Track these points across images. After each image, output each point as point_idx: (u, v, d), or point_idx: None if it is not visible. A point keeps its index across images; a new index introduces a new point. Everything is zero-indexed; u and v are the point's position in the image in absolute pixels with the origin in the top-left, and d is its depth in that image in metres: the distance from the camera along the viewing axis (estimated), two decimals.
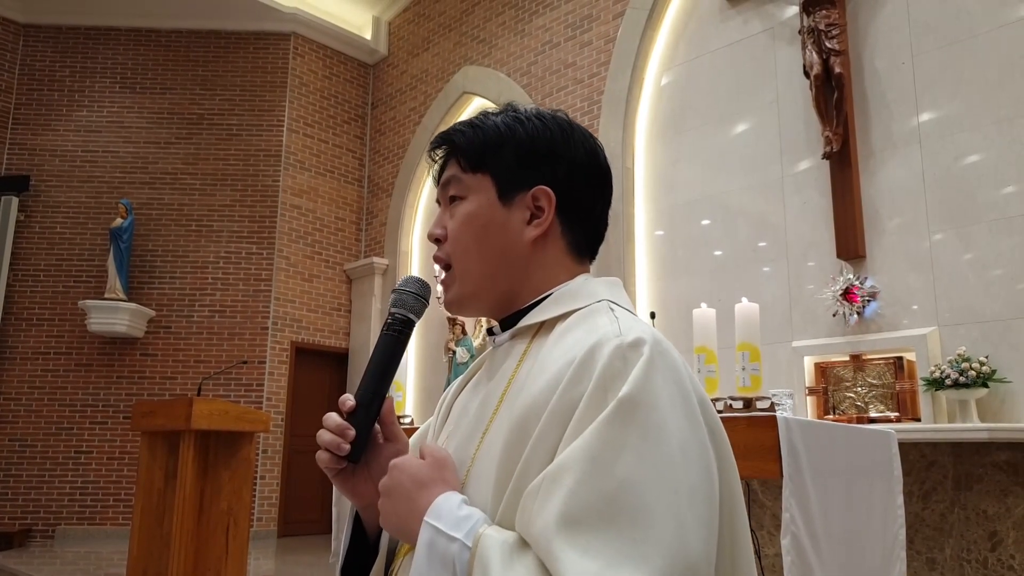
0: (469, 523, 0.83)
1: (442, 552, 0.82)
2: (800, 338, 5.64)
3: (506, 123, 1.04)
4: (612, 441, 0.78)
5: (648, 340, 0.85)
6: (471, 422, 0.99)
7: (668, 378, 0.83)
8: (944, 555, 4.54)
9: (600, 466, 0.77)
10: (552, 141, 1.03)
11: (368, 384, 0.99)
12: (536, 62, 8.31)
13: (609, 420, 0.79)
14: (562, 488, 0.77)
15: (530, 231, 1.01)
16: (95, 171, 9.57)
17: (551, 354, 0.91)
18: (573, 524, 0.75)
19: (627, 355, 0.83)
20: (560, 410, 0.83)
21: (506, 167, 1.02)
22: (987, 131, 4.99)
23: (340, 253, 10.25)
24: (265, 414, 5.55)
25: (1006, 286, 4.79)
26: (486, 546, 0.80)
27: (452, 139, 1.06)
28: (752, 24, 6.40)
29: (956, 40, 5.21)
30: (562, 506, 0.76)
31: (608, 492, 0.76)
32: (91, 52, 9.87)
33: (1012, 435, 4.29)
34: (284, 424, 9.31)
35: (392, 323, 1.03)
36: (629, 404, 0.79)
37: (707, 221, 6.49)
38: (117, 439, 8.96)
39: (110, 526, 8.71)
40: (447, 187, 1.06)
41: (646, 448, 0.78)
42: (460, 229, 1.03)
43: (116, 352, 9.14)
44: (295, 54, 10.11)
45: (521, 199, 1.01)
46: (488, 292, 1.04)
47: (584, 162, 1.04)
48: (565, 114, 1.08)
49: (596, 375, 0.82)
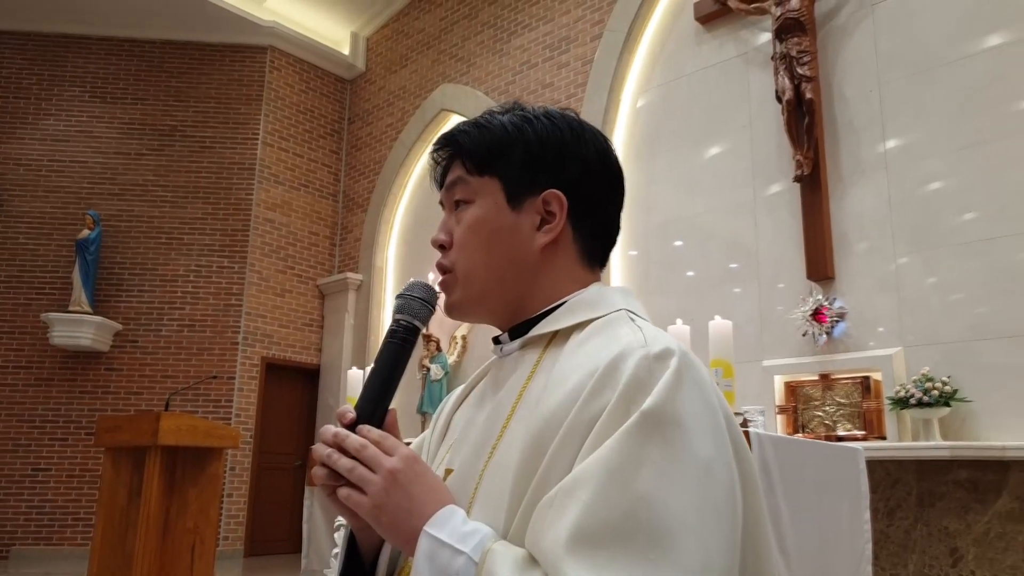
0: (476, 537, 0.79)
1: (444, 566, 0.78)
2: (770, 357, 5.72)
3: (514, 123, 0.98)
4: (632, 455, 0.74)
5: (676, 352, 0.81)
6: (478, 436, 0.94)
7: (695, 393, 0.79)
8: (908, 571, 4.61)
9: (619, 481, 0.73)
10: (563, 142, 0.97)
11: (370, 395, 0.93)
12: (514, 82, 8.38)
13: (630, 433, 0.75)
14: (577, 502, 0.73)
15: (540, 237, 0.96)
16: (62, 181, 9.41)
17: (568, 365, 0.87)
18: (587, 541, 0.71)
19: (653, 367, 0.79)
20: (581, 423, 0.79)
21: (515, 170, 0.97)
22: (949, 159, 5.13)
23: (313, 268, 10.18)
24: (235, 430, 5.49)
25: (967, 309, 4.91)
26: (494, 562, 0.76)
27: (457, 140, 1.00)
28: (726, 49, 6.53)
29: (921, 70, 5.36)
30: (576, 521, 0.72)
31: (626, 508, 0.72)
32: (60, 60, 9.73)
33: (973, 453, 4.39)
34: (253, 441, 9.17)
35: (396, 330, 0.96)
36: (653, 417, 0.75)
37: (680, 242, 6.57)
38: (78, 456, 8.75)
39: (68, 546, 8.48)
40: (452, 190, 1.01)
41: (668, 464, 0.74)
42: (467, 235, 0.98)
43: (79, 367, 8.95)
44: (272, 67, 10.08)
45: (531, 203, 0.97)
46: (495, 299, 0.99)
47: (596, 163, 0.99)
48: (575, 113, 1.03)
49: (621, 386, 0.78)
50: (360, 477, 0.84)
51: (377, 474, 0.84)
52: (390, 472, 0.83)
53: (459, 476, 0.92)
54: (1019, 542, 4.30)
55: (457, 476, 0.93)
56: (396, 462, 0.84)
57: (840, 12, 5.83)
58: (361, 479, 0.84)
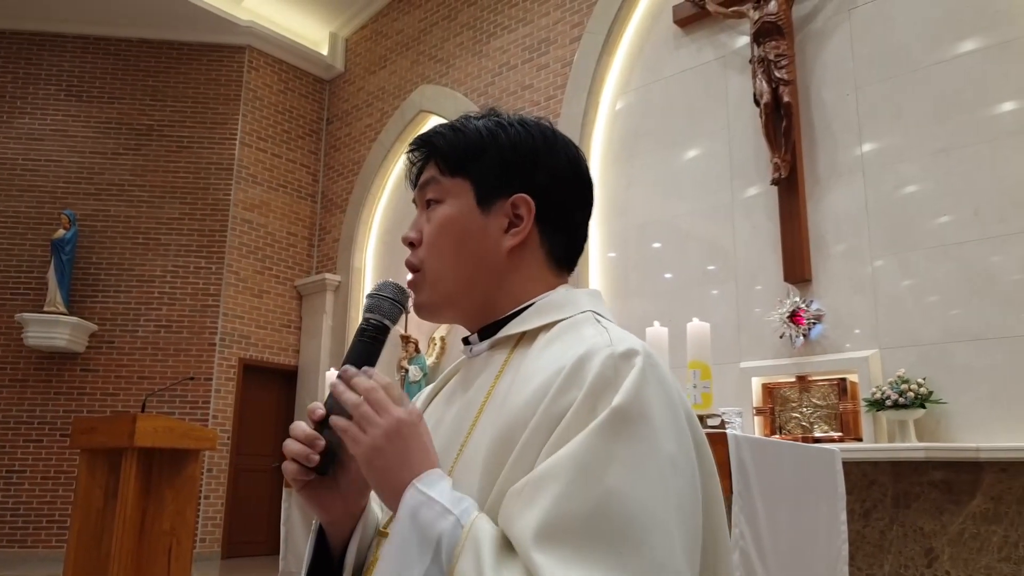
0: (465, 503, 0.81)
1: (428, 524, 0.79)
2: (748, 359, 5.75)
3: (488, 128, 1.01)
4: (602, 451, 0.76)
5: (640, 351, 0.83)
6: (447, 434, 0.96)
7: (659, 391, 0.82)
8: (883, 571, 4.66)
9: (588, 475, 0.75)
10: (534, 148, 1.00)
11: None
12: (493, 83, 8.38)
13: (600, 430, 0.77)
14: (546, 495, 0.75)
15: (508, 240, 0.99)
16: (37, 180, 9.30)
17: (535, 364, 0.89)
18: (556, 533, 0.73)
19: (619, 365, 0.81)
20: (547, 419, 0.81)
21: (486, 173, 0.99)
22: (925, 162, 5.20)
23: (291, 269, 10.12)
24: (212, 431, 5.45)
25: (941, 311, 4.97)
26: (480, 533, 0.77)
27: (432, 141, 1.03)
28: (705, 52, 6.57)
29: (897, 74, 5.42)
30: (545, 513, 0.74)
31: (595, 502, 0.74)
32: (35, 58, 9.61)
33: (947, 454, 4.45)
34: (230, 442, 9.10)
35: (367, 328, 0.98)
36: (621, 415, 0.77)
37: (658, 244, 6.61)
38: (53, 458, 8.64)
39: (43, 549, 8.37)
40: (425, 189, 1.03)
41: (636, 460, 0.76)
42: (436, 234, 1.00)
43: (54, 367, 8.85)
44: (250, 67, 10.01)
45: (500, 206, 0.99)
46: (462, 300, 1.01)
47: (566, 171, 1.02)
48: (549, 121, 1.06)
49: (587, 384, 0.80)
50: (364, 414, 0.85)
51: (382, 418, 0.85)
52: (397, 420, 0.85)
53: None
54: (993, 542, 4.36)
55: None
56: (403, 413, 0.86)
57: (817, 16, 5.88)
58: (365, 416, 0.85)
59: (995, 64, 5.00)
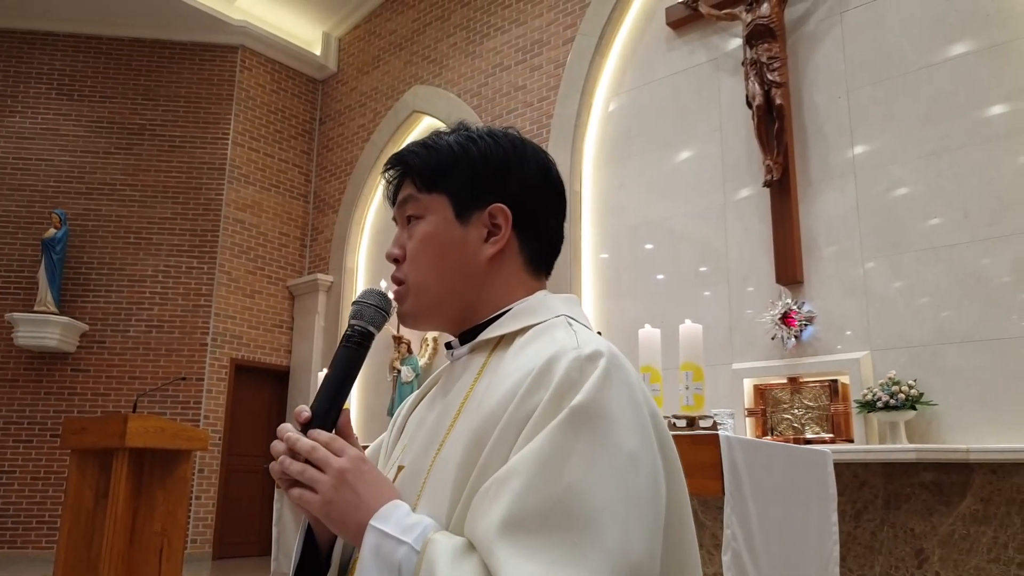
0: (418, 529, 0.84)
1: (388, 556, 0.83)
2: (740, 360, 5.77)
3: (459, 142, 1.05)
4: (562, 447, 0.79)
5: (605, 353, 0.87)
6: (427, 435, 1.00)
7: (622, 391, 0.85)
8: (874, 572, 4.68)
9: (548, 471, 0.78)
10: (505, 159, 1.04)
11: (324, 396, 0.97)
12: (486, 84, 8.39)
13: (560, 427, 0.81)
14: (509, 491, 0.78)
15: (488, 248, 1.03)
16: (27, 179, 9.25)
17: (509, 366, 0.93)
18: (517, 527, 0.77)
19: (584, 367, 0.85)
20: (516, 419, 0.85)
21: (461, 186, 1.03)
22: (916, 165, 5.23)
23: (283, 269, 10.10)
24: (203, 432, 5.44)
25: (932, 313, 5.00)
26: (433, 550, 0.81)
27: (406, 160, 1.06)
28: (697, 54, 6.58)
29: (888, 77, 5.45)
30: (508, 509, 0.78)
31: (554, 496, 0.77)
32: (26, 57, 9.57)
33: (937, 456, 4.47)
34: (222, 443, 9.08)
35: (351, 335, 1.02)
36: (581, 413, 0.81)
37: (650, 245, 6.62)
38: (43, 458, 8.60)
39: (33, 550, 8.33)
40: (404, 207, 1.07)
41: (595, 456, 0.79)
42: (418, 249, 1.04)
43: (45, 367, 8.80)
44: (242, 67, 9.99)
45: (478, 217, 1.03)
46: (445, 308, 1.05)
47: (537, 178, 1.06)
48: (517, 131, 1.10)
49: (553, 385, 0.84)
50: (310, 478, 0.89)
51: (326, 474, 0.89)
52: (339, 471, 0.89)
53: (409, 473, 0.98)
54: (983, 543, 4.39)
55: (407, 473, 0.98)
56: (344, 462, 0.90)
57: (810, 19, 5.91)
58: (311, 479, 0.89)
59: (986, 67, 5.03)
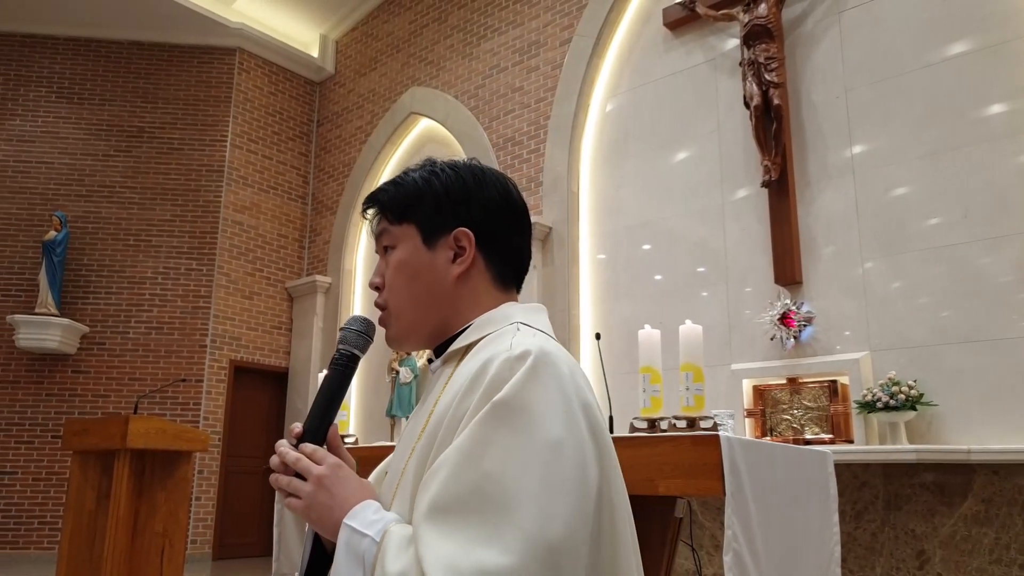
0: (380, 523, 0.95)
1: (355, 548, 0.94)
2: (739, 361, 5.78)
3: (423, 177, 1.16)
4: (482, 438, 0.89)
5: (533, 351, 0.95)
6: (405, 441, 1.11)
7: (548, 384, 0.93)
8: (875, 573, 4.69)
9: (469, 460, 0.88)
10: (466, 188, 1.15)
11: (315, 413, 1.10)
12: (484, 85, 8.39)
13: (482, 420, 0.90)
14: (436, 480, 0.89)
15: (455, 268, 1.13)
16: (28, 182, 9.26)
17: (461, 373, 1.03)
18: (439, 510, 0.86)
19: (513, 365, 0.94)
20: (456, 419, 0.96)
21: (427, 215, 1.14)
22: (915, 164, 5.24)
23: (282, 271, 10.10)
24: (204, 433, 5.44)
25: (932, 313, 5.01)
26: (387, 540, 0.92)
27: (378, 198, 1.19)
28: (695, 55, 6.59)
29: (886, 77, 5.46)
30: (433, 495, 0.88)
31: (473, 482, 0.86)
32: (26, 60, 9.58)
33: (938, 456, 4.47)
34: (221, 444, 9.08)
35: (338, 359, 1.14)
36: (502, 407, 0.90)
37: (648, 246, 6.63)
38: (44, 459, 8.61)
39: (35, 551, 8.35)
40: (380, 239, 1.19)
41: (513, 445, 0.88)
42: (393, 275, 1.16)
43: (46, 369, 8.81)
44: (240, 69, 9.99)
45: (444, 241, 1.14)
46: (422, 327, 1.16)
47: (498, 202, 1.16)
48: (478, 161, 1.21)
49: (483, 386, 0.94)
50: (295, 487, 1.03)
51: (308, 481, 1.02)
52: (317, 478, 1.02)
53: (391, 475, 1.10)
54: (984, 544, 4.40)
55: (389, 476, 1.11)
56: (323, 469, 1.03)
57: (807, 19, 5.92)
58: (295, 488, 1.03)
59: (985, 67, 5.04)
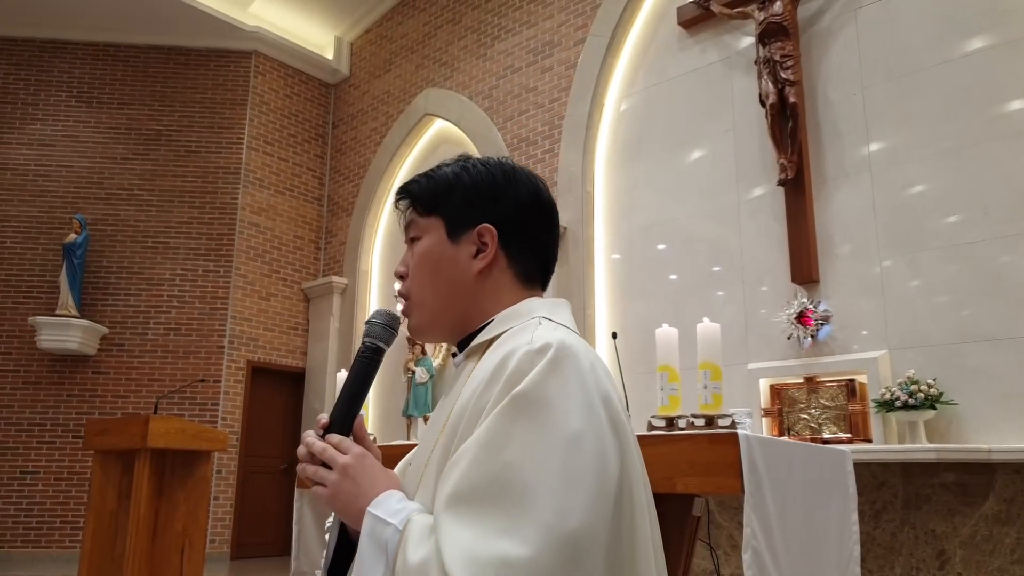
0: (404, 512, 0.97)
1: (379, 536, 0.96)
2: (755, 360, 5.76)
3: (455, 171, 1.19)
4: (502, 430, 0.90)
5: (554, 344, 0.97)
6: (429, 434, 1.13)
7: (568, 377, 0.94)
8: (895, 573, 4.66)
9: (488, 451, 0.90)
10: (495, 184, 1.17)
11: (341, 405, 1.13)
12: (498, 86, 8.41)
13: (502, 412, 0.92)
14: (456, 471, 0.91)
15: (476, 263, 1.15)
16: (48, 185, 9.37)
17: (482, 367, 1.04)
18: (459, 500, 0.88)
19: (533, 359, 0.96)
20: (477, 411, 0.97)
21: (454, 209, 1.16)
22: (932, 162, 5.20)
23: (298, 272, 10.17)
24: (223, 433, 5.48)
25: (951, 311, 4.97)
26: (410, 529, 0.94)
27: (409, 189, 1.22)
28: (709, 54, 6.58)
29: (903, 74, 5.43)
30: (453, 485, 0.90)
31: (492, 473, 0.88)
32: (46, 65, 9.69)
33: (959, 456, 4.43)
34: (239, 444, 9.15)
35: (364, 351, 1.16)
36: (522, 399, 0.92)
37: (663, 245, 6.62)
38: (66, 459, 8.71)
39: (56, 549, 8.44)
40: (408, 230, 1.22)
41: (533, 437, 0.89)
42: (417, 265, 1.19)
43: (67, 370, 8.91)
44: (256, 72, 10.07)
45: (468, 236, 1.16)
46: (443, 319, 1.18)
47: (528, 200, 1.18)
48: (510, 159, 1.23)
49: (504, 379, 0.96)
50: (321, 476, 1.06)
51: (333, 470, 1.05)
52: (343, 467, 1.05)
53: (414, 467, 1.12)
54: (1006, 544, 4.36)
55: (413, 467, 1.13)
56: (348, 459, 1.06)
57: (823, 16, 5.89)
58: (321, 477, 1.06)
59: (1003, 63, 5.00)
